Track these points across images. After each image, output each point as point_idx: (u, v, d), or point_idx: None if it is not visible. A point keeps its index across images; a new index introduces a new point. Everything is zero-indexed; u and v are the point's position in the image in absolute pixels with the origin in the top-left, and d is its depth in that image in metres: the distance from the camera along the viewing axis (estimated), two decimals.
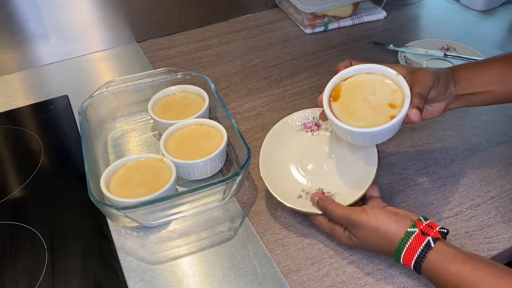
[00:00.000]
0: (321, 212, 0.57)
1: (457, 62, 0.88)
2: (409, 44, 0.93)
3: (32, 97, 0.86)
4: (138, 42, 1.01)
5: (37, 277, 0.55)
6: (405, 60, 0.89)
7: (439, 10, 1.09)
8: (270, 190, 0.59)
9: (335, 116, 0.55)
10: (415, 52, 0.91)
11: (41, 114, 0.82)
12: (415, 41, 0.94)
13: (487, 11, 1.07)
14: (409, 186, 0.65)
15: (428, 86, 0.55)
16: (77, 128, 0.78)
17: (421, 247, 0.49)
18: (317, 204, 0.57)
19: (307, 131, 0.67)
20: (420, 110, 0.53)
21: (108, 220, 0.62)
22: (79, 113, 0.69)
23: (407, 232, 0.50)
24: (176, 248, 0.58)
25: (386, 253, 0.53)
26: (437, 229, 0.50)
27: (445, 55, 0.90)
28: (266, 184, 0.60)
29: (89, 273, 0.56)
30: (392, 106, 0.55)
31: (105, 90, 0.73)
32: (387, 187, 0.65)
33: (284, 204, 0.58)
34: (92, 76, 0.91)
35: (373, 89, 0.57)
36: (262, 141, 0.73)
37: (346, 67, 0.59)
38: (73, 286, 0.54)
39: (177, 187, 0.66)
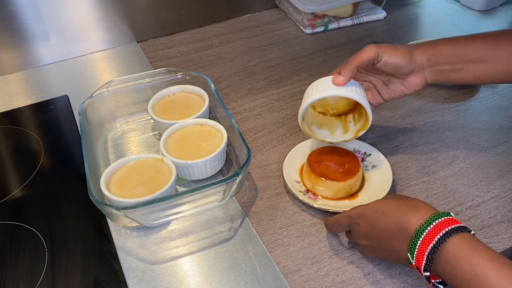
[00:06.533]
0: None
1: None
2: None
3: (32, 97, 0.86)
4: (138, 42, 1.01)
5: (37, 277, 0.55)
6: None
7: (439, 10, 1.09)
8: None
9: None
10: None
11: (41, 114, 0.82)
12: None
13: (487, 11, 1.07)
14: (409, 186, 0.65)
15: (360, 59, 0.59)
16: (77, 128, 0.78)
17: (444, 231, 0.42)
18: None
19: None
20: (343, 75, 0.59)
21: (108, 220, 0.62)
22: (79, 113, 0.69)
23: (428, 219, 0.44)
24: (176, 248, 0.58)
25: (397, 250, 0.46)
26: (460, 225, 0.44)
27: None
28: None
29: (89, 273, 0.56)
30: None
31: (105, 90, 0.73)
32: None
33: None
34: (92, 76, 0.91)
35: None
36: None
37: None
38: (73, 286, 0.54)
39: (177, 187, 0.66)
